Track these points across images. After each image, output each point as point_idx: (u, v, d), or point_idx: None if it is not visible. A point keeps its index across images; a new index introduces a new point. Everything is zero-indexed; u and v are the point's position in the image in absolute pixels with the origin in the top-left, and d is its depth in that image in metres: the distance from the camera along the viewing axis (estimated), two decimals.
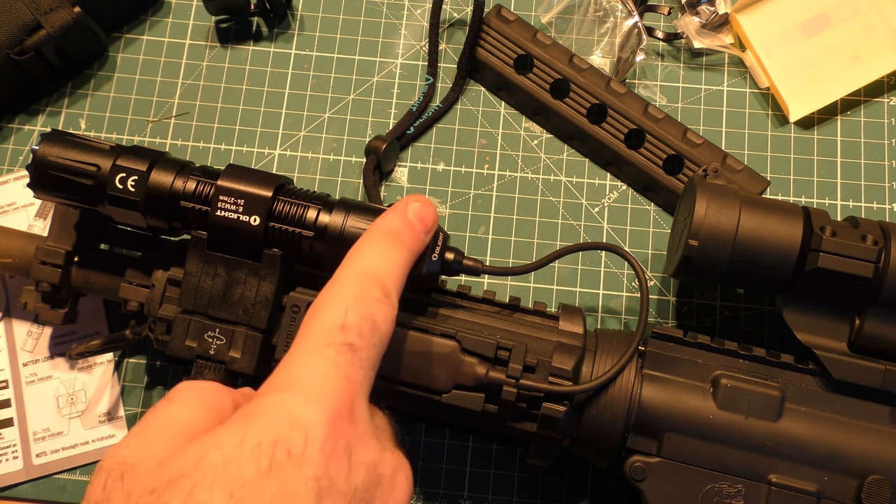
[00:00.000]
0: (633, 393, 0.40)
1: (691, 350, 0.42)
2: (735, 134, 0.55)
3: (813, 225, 0.41)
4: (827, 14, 0.56)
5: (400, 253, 0.35)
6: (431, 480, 0.49)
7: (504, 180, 0.54)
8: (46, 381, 0.51)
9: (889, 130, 0.55)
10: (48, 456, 0.49)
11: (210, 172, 0.42)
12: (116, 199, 0.41)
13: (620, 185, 0.54)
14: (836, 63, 0.55)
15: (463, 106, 0.56)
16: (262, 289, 0.40)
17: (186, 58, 0.57)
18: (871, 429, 0.39)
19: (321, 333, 0.30)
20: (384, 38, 0.58)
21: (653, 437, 0.40)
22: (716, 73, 0.56)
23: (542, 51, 0.54)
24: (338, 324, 0.31)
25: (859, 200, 0.53)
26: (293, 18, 0.58)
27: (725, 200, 0.42)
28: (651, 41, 0.55)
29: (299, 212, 0.40)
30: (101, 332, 0.51)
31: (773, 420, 0.39)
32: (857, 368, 0.40)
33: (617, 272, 0.52)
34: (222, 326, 0.40)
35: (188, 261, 0.41)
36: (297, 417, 0.28)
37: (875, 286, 0.40)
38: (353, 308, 0.31)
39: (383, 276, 0.33)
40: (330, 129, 0.56)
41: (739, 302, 0.52)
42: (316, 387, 0.29)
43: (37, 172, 0.41)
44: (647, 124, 0.52)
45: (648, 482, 0.39)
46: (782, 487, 0.38)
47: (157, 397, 0.51)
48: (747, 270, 0.41)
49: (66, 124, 0.56)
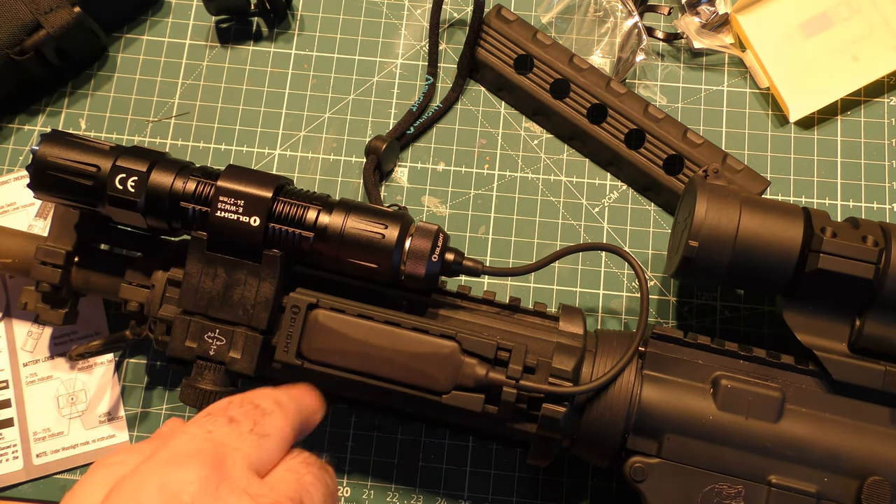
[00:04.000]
0: (633, 394, 0.40)
1: (691, 351, 0.42)
2: (735, 134, 0.55)
3: (813, 226, 0.41)
4: (827, 14, 0.56)
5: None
6: (431, 480, 0.49)
7: (504, 180, 0.54)
8: (47, 381, 0.51)
9: (889, 130, 0.55)
10: (48, 456, 0.49)
11: (210, 173, 0.42)
12: (116, 200, 0.41)
13: (620, 185, 0.54)
14: (836, 63, 0.55)
15: (463, 106, 0.56)
16: (261, 289, 0.40)
17: (186, 58, 0.57)
18: (872, 430, 0.39)
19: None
20: (384, 38, 0.58)
21: (653, 437, 0.40)
22: (716, 73, 0.56)
23: (543, 51, 0.54)
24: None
25: (859, 200, 0.53)
26: (293, 18, 0.58)
27: (726, 201, 0.41)
28: (651, 41, 0.55)
29: (299, 212, 0.40)
30: (101, 333, 0.51)
31: (773, 421, 0.39)
32: (857, 369, 0.40)
33: (617, 272, 0.52)
34: (222, 327, 0.40)
35: (188, 261, 0.41)
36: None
37: (875, 287, 0.40)
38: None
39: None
40: (330, 129, 0.56)
41: (739, 302, 0.52)
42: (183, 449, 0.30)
43: (37, 173, 0.41)
44: (648, 124, 0.52)
45: (648, 483, 0.39)
46: (782, 488, 0.38)
47: (156, 397, 0.51)
48: (748, 271, 0.41)
49: (66, 124, 0.56)
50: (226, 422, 0.32)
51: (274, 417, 0.33)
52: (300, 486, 0.31)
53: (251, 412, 0.33)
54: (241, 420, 0.32)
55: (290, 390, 0.37)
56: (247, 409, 0.33)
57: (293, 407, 0.35)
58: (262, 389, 0.36)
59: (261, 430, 0.32)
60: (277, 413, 0.34)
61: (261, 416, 0.33)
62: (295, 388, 0.38)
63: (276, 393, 0.35)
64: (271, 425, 0.33)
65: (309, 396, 0.38)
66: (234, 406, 0.33)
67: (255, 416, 0.33)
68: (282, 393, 0.36)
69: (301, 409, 0.36)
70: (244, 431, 0.32)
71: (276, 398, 0.35)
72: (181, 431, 0.31)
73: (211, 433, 0.31)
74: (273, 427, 0.33)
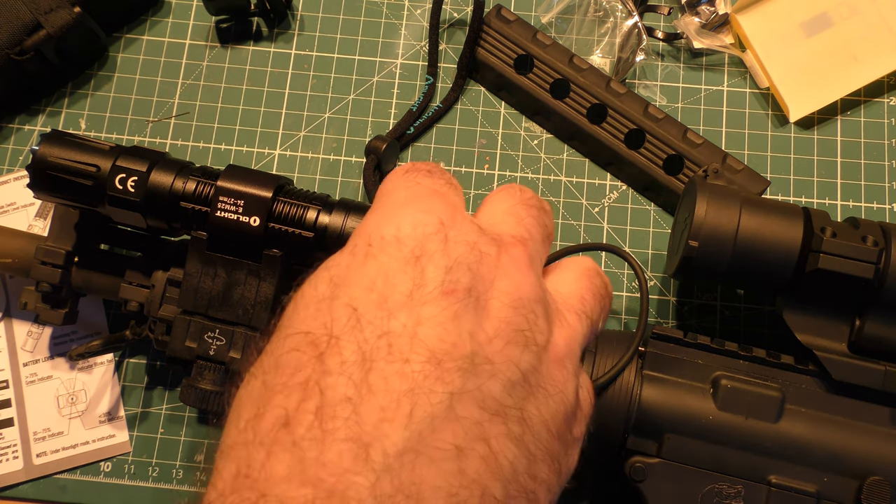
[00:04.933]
0: (632, 394, 0.40)
1: (691, 351, 0.42)
2: (735, 134, 0.55)
3: (813, 226, 0.41)
4: (827, 14, 0.56)
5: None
6: None
7: (504, 180, 0.54)
8: (47, 381, 0.51)
9: (889, 130, 0.55)
10: (48, 456, 0.49)
11: (210, 173, 0.42)
12: (116, 200, 0.41)
13: (620, 185, 0.54)
14: (836, 63, 0.55)
15: (463, 106, 0.56)
16: (262, 289, 0.40)
17: (186, 58, 0.57)
18: (871, 430, 0.39)
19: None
20: (384, 38, 0.58)
21: (653, 437, 0.40)
22: (716, 73, 0.56)
23: (543, 51, 0.54)
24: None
25: (859, 200, 0.53)
26: (293, 18, 0.58)
27: (726, 201, 0.41)
28: (651, 41, 0.55)
29: (299, 212, 0.40)
30: (101, 333, 0.51)
31: (772, 421, 0.39)
32: (857, 369, 0.40)
33: (617, 272, 0.52)
34: (222, 327, 0.40)
35: (188, 261, 0.41)
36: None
37: (875, 287, 0.40)
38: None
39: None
40: (330, 129, 0.56)
41: (739, 302, 0.52)
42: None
43: (37, 173, 0.41)
44: (647, 124, 0.52)
45: (648, 483, 0.39)
46: (782, 488, 0.38)
47: (157, 397, 0.51)
48: (748, 271, 0.41)
49: (66, 124, 0.56)
50: (426, 174, 0.32)
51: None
52: (520, 226, 0.31)
53: (437, 170, 0.33)
54: (436, 172, 0.32)
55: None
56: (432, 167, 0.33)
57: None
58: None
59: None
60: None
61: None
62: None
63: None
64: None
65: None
66: (421, 164, 0.33)
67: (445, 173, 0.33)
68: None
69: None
70: (446, 179, 0.32)
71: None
72: (393, 186, 0.31)
73: (419, 183, 0.31)
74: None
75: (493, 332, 0.27)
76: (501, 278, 0.28)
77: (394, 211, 0.29)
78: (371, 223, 0.29)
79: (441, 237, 0.28)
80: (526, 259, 0.30)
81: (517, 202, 0.32)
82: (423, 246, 0.28)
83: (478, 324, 0.27)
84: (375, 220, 0.29)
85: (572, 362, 0.30)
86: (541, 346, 0.28)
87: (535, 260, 0.31)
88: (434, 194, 0.30)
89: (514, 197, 0.33)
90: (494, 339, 0.27)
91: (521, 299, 0.28)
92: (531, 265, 0.30)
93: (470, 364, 0.26)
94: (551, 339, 0.29)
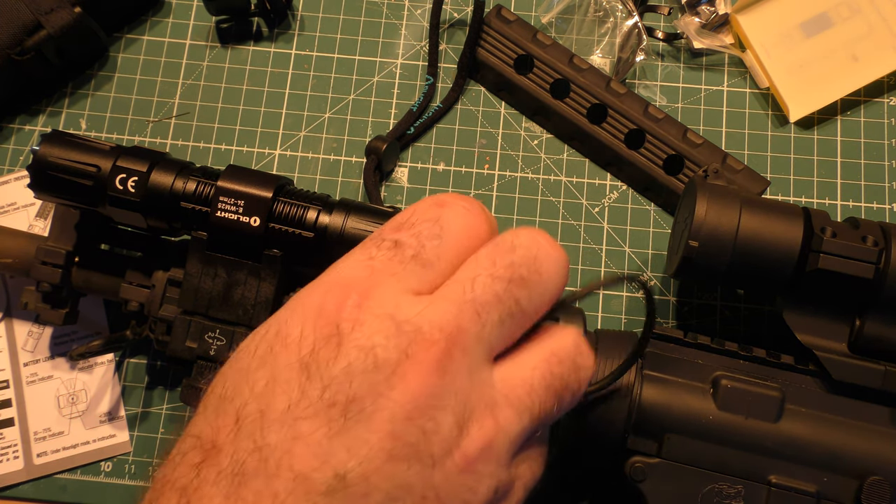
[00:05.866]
0: (633, 394, 0.40)
1: (691, 351, 0.42)
2: (735, 134, 0.55)
3: (813, 226, 0.41)
4: (827, 14, 0.56)
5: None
6: None
7: (504, 180, 0.54)
8: (47, 381, 0.51)
9: (889, 130, 0.55)
10: (49, 456, 0.49)
11: (210, 173, 0.42)
12: (117, 200, 0.41)
13: (620, 185, 0.54)
14: (836, 63, 0.55)
15: (463, 106, 0.56)
16: (262, 290, 0.40)
17: (187, 58, 0.57)
18: (871, 430, 0.39)
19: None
20: (384, 39, 0.58)
21: (653, 437, 0.40)
22: (716, 73, 0.56)
23: (543, 51, 0.54)
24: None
25: (859, 200, 0.53)
26: (293, 18, 0.58)
27: (726, 201, 0.42)
28: (651, 41, 0.55)
29: (299, 212, 0.40)
30: (101, 333, 0.51)
31: (773, 421, 0.39)
32: (857, 369, 0.40)
33: (617, 272, 0.52)
34: (223, 327, 0.40)
35: (188, 261, 0.41)
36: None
37: (875, 287, 0.40)
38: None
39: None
40: (330, 129, 0.56)
41: (739, 302, 0.52)
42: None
43: (37, 173, 0.41)
44: (647, 124, 0.52)
45: (648, 483, 0.39)
46: (782, 488, 0.38)
47: (157, 397, 0.51)
48: (748, 271, 0.41)
49: (67, 124, 0.56)
50: (391, 247, 0.30)
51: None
52: (461, 313, 0.28)
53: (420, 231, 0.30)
54: (406, 243, 0.30)
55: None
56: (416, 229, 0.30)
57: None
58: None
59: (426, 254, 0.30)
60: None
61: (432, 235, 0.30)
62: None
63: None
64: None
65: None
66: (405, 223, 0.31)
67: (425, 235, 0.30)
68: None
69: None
70: (407, 257, 0.29)
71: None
72: (346, 261, 0.30)
73: (372, 260, 0.29)
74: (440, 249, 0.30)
75: (375, 447, 0.26)
76: (398, 386, 0.26)
77: (311, 300, 0.28)
78: (288, 312, 0.29)
79: (335, 342, 0.27)
80: (435, 362, 0.27)
81: (488, 273, 0.29)
82: (315, 352, 0.27)
83: (358, 438, 0.26)
84: (296, 306, 0.29)
85: (490, 463, 0.28)
86: (437, 456, 0.27)
87: (459, 357, 0.28)
88: (376, 279, 0.29)
89: (493, 263, 0.29)
90: (375, 454, 0.26)
91: (418, 408, 0.26)
92: (442, 367, 0.27)
93: (340, 483, 0.25)
94: (461, 443, 0.27)
